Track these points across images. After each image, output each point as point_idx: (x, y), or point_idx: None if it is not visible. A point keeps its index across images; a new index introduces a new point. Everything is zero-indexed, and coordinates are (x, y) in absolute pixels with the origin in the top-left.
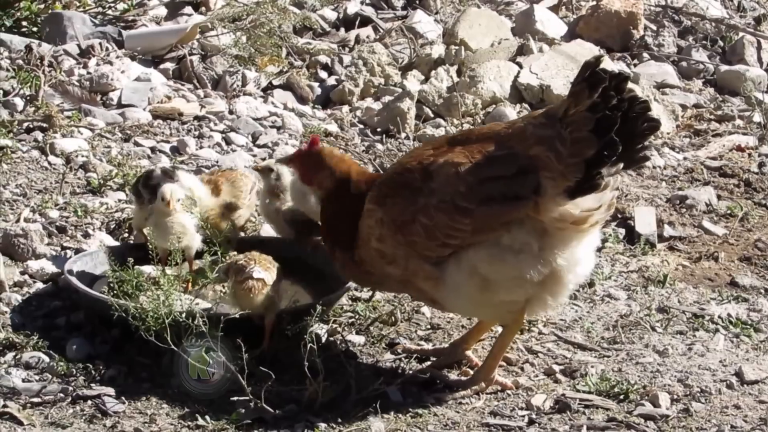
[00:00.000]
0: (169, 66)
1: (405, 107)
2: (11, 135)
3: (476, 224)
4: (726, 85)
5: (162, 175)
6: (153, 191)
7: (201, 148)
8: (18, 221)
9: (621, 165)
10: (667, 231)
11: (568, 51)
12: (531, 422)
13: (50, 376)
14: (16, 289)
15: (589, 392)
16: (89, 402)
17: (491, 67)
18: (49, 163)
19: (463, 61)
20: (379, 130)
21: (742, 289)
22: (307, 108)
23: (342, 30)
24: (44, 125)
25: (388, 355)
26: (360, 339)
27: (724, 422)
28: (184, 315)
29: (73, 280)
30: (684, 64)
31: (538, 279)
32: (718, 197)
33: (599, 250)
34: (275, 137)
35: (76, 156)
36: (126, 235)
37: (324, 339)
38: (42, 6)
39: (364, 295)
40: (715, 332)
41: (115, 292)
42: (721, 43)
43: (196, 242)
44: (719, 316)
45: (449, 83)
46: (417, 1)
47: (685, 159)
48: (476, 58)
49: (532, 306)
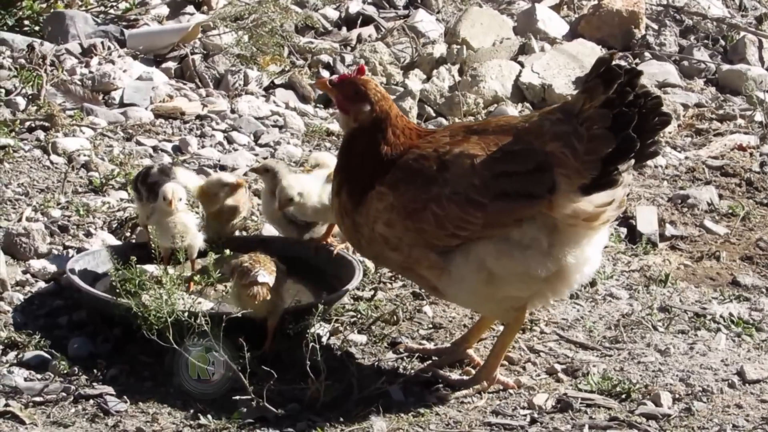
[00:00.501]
0: (171, 65)
1: (407, 106)
2: (13, 134)
3: (488, 218)
4: (727, 84)
5: (159, 173)
6: (150, 188)
7: (203, 147)
8: (20, 220)
9: (632, 160)
10: (669, 230)
11: (570, 50)
12: (533, 421)
13: (52, 375)
14: (18, 288)
15: (591, 391)
16: (91, 401)
17: (493, 66)
18: (51, 162)
19: (465, 61)
20: None
21: (744, 289)
22: (309, 107)
23: (344, 29)
24: (46, 124)
25: (389, 355)
26: (362, 338)
27: (725, 421)
28: (186, 314)
29: (75, 279)
30: (685, 63)
31: (545, 276)
32: (720, 196)
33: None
34: (277, 136)
35: (78, 155)
36: (128, 234)
37: (326, 338)
38: (44, 5)
39: (366, 295)
40: (716, 331)
41: (117, 291)
42: (722, 43)
43: (198, 241)
44: (721, 316)
45: (451, 82)
46: (419, 1)
47: (686, 158)
48: (478, 58)
49: (533, 301)
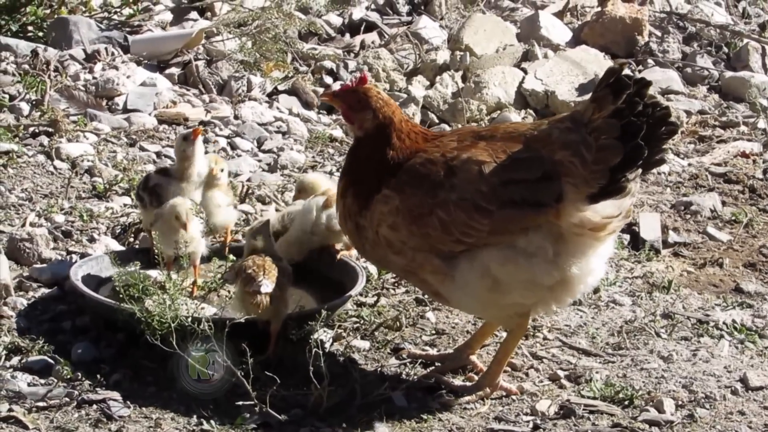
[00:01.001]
0: (175, 71)
1: (410, 113)
2: (17, 139)
3: (494, 226)
4: (731, 91)
5: (158, 175)
6: (152, 193)
7: (206, 152)
8: (24, 226)
9: (640, 169)
10: (672, 237)
11: (573, 57)
12: (536, 427)
13: (55, 380)
14: (21, 293)
15: (594, 398)
16: (94, 406)
17: (496, 72)
18: (55, 167)
19: (468, 67)
20: None
21: (747, 295)
22: (312, 113)
23: (347, 35)
24: (50, 130)
25: (392, 360)
26: (365, 344)
27: (728, 428)
28: (189, 319)
29: (79, 284)
30: (689, 70)
31: (549, 284)
32: (723, 203)
33: None
34: (280, 142)
35: (82, 161)
36: (131, 240)
37: (329, 344)
38: (48, 11)
39: (369, 300)
40: (719, 338)
41: (120, 296)
42: (725, 50)
43: (201, 248)
44: (724, 322)
45: (454, 89)
46: (422, 7)
47: (689, 165)
48: (481, 64)
49: (536, 308)
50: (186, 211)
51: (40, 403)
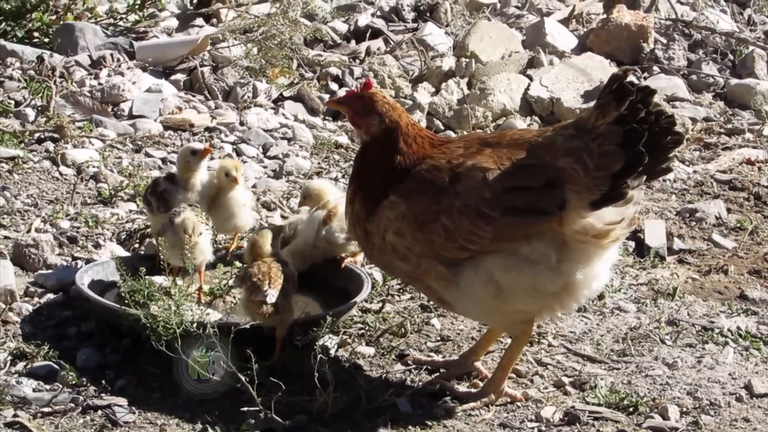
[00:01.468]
0: (180, 77)
1: (415, 119)
2: (23, 145)
3: (497, 232)
4: (736, 98)
5: (166, 181)
6: (160, 198)
7: (212, 159)
8: (29, 231)
9: (644, 177)
10: (677, 244)
11: (579, 64)
12: None
13: (61, 386)
14: (27, 298)
15: (599, 404)
16: (99, 412)
17: (501, 79)
18: (60, 173)
19: (474, 74)
20: None
21: (752, 303)
22: (317, 119)
23: (353, 42)
24: (55, 136)
25: (397, 367)
26: (370, 350)
27: None
28: (195, 325)
29: (84, 289)
30: (694, 77)
31: (553, 291)
32: (728, 210)
33: None
34: (286, 148)
35: (87, 166)
36: (137, 246)
37: (334, 350)
38: (54, 17)
39: (374, 307)
40: (724, 345)
41: (126, 301)
42: (731, 57)
43: (207, 255)
44: (729, 329)
45: (459, 95)
46: (428, 14)
47: (695, 172)
48: (487, 71)
49: (541, 315)
50: (194, 225)
51: (45, 409)
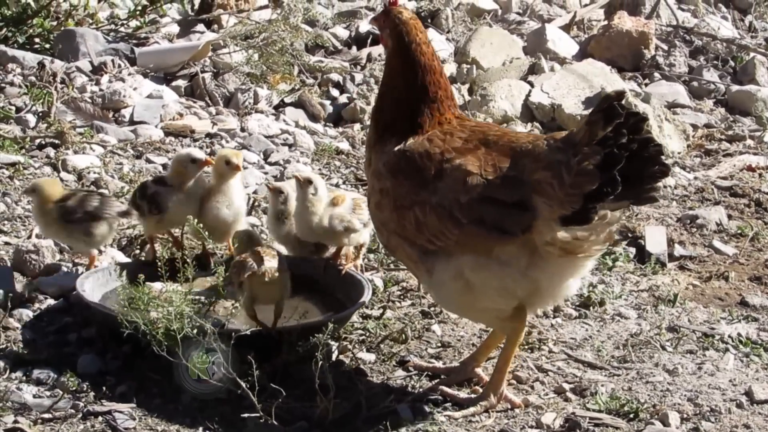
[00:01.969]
0: (181, 83)
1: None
2: (23, 151)
3: (461, 238)
4: (737, 105)
5: (156, 185)
6: (151, 201)
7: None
8: (30, 237)
9: (627, 201)
10: (678, 250)
11: (580, 70)
12: None
13: (61, 392)
14: (27, 304)
15: (599, 411)
16: (100, 418)
17: (502, 85)
18: (61, 179)
19: (475, 80)
20: None
21: (753, 309)
22: (318, 126)
23: (354, 48)
24: (56, 142)
25: (398, 373)
26: (371, 356)
27: None
28: (195, 331)
29: (84, 295)
30: (695, 83)
31: (522, 294)
32: (729, 217)
33: (610, 269)
34: (287, 155)
35: (88, 172)
36: (137, 252)
37: (335, 356)
38: (55, 23)
39: (375, 313)
40: (725, 352)
41: (126, 307)
42: (732, 63)
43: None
44: (729, 336)
45: (461, 102)
46: (429, 20)
47: (695, 179)
48: (488, 77)
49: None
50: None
51: (46, 415)
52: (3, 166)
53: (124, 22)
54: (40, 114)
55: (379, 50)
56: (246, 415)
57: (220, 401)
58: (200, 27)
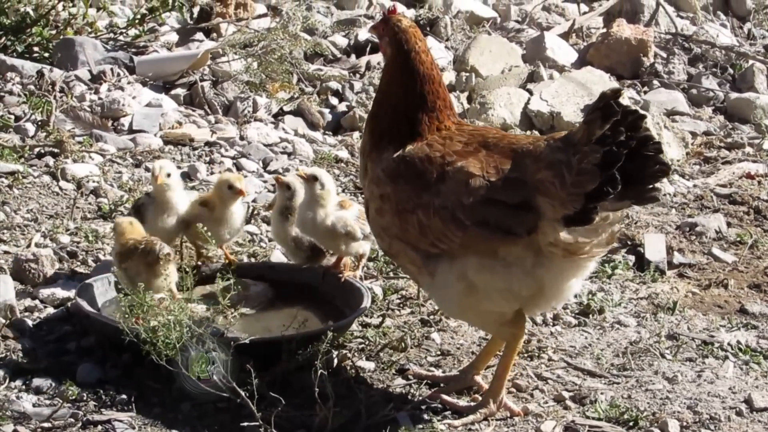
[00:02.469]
0: (181, 92)
1: None
2: (22, 160)
3: (465, 240)
4: (736, 112)
5: (148, 198)
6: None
7: (212, 173)
8: (29, 246)
9: (628, 201)
10: (677, 258)
11: (579, 78)
12: None
13: (61, 401)
14: (26, 314)
15: (599, 419)
16: (100, 427)
17: (502, 93)
18: (60, 188)
19: (474, 88)
20: None
21: (752, 317)
22: (317, 134)
23: (353, 56)
24: (55, 150)
25: (398, 381)
26: (370, 365)
27: None
28: (194, 339)
29: (84, 304)
30: (694, 91)
31: (527, 294)
32: (728, 224)
33: (609, 277)
34: (286, 163)
35: (87, 181)
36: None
37: (334, 364)
38: (54, 32)
39: (374, 321)
40: (724, 359)
41: (125, 316)
42: (731, 71)
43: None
44: (729, 344)
45: (460, 110)
46: (428, 28)
47: (695, 186)
48: (487, 85)
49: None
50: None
51: (45, 424)
52: (2, 175)
53: (123, 30)
54: (39, 123)
55: (378, 58)
56: (245, 423)
57: (220, 410)
58: (199, 35)
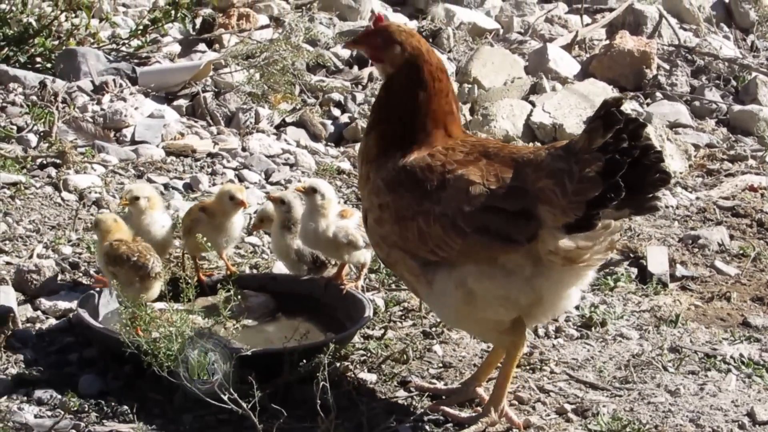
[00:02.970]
0: (183, 103)
1: None
2: (25, 171)
3: (465, 247)
4: (739, 124)
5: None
6: None
7: (214, 185)
8: (31, 257)
9: (628, 210)
10: (680, 271)
11: (581, 90)
12: None
13: (62, 412)
14: (28, 324)
15: (601, 431)
16: None
17: (504, 105)
18: (63, 199)
19: (476, 100)
20: None
21: (755, 330)
22: (320, 145)
23: (355, 68)
24: (58, 161)
25: (400, 393)
26: (372, 377)
27: None
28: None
29: (86, 316)
30: (697, 103)
31: (526, 303)
32: (731, 237)
33: (611, 289)
34: (288, 174)
35: (90, 192)
36: None
37: (336, 376)
38: (56, 42)
39: (376, 333)
40: (727, 372)
41: (127, 328)
42: (734, 83)
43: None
44: (731, 357)
45: (462, 121)
46: (430, 39)
47: (697, 199)
48: (489, 97)
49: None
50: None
51: None
52: (4, 186)
53: (126, 41)
54: (42, 133)
55: None
56: None
57: (222, 421)
58: (202, 46)
